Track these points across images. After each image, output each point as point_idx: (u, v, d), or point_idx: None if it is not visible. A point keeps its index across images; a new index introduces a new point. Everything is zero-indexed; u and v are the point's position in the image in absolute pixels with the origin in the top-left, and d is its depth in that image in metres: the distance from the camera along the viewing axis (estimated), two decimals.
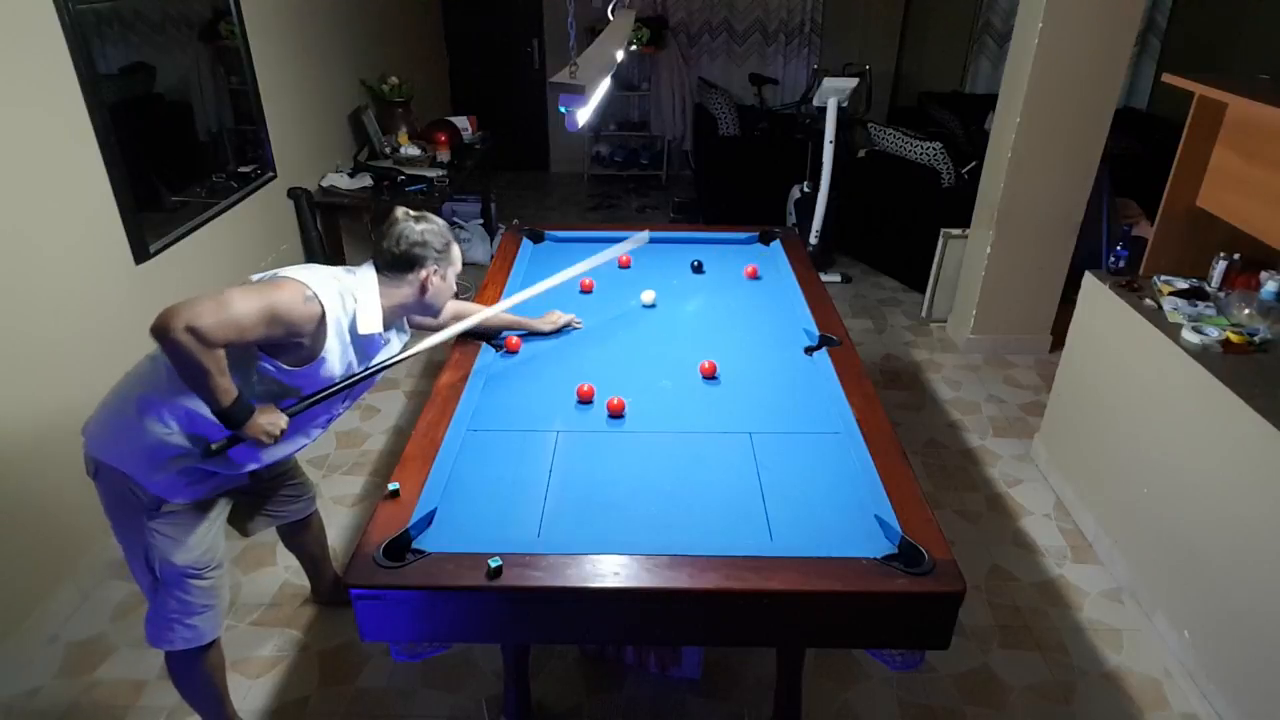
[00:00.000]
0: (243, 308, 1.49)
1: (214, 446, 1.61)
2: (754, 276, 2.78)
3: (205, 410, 1.59)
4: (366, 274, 1.76)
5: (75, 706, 2.14)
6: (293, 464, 2.12)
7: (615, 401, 2.01)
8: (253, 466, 1.79)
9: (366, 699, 2.17)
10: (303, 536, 2.27)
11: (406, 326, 1.97)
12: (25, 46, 2.20)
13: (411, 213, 1.80)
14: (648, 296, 2.57)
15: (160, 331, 1.43)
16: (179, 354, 1.45)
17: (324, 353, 1.66)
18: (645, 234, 2.21)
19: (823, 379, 2.16)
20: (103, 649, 2.31)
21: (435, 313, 1.92)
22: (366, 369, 1.79)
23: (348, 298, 1.68)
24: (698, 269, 2.89)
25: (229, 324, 1.47)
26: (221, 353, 1.50)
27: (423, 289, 1.80)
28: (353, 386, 1.77)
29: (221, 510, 1.86)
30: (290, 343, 1.62)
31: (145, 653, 2.28)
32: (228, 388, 1.54)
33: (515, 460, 1.84)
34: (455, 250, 1.86)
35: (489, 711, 2.13)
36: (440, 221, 1.83)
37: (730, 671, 2.24)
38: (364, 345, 1.77)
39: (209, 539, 1.80)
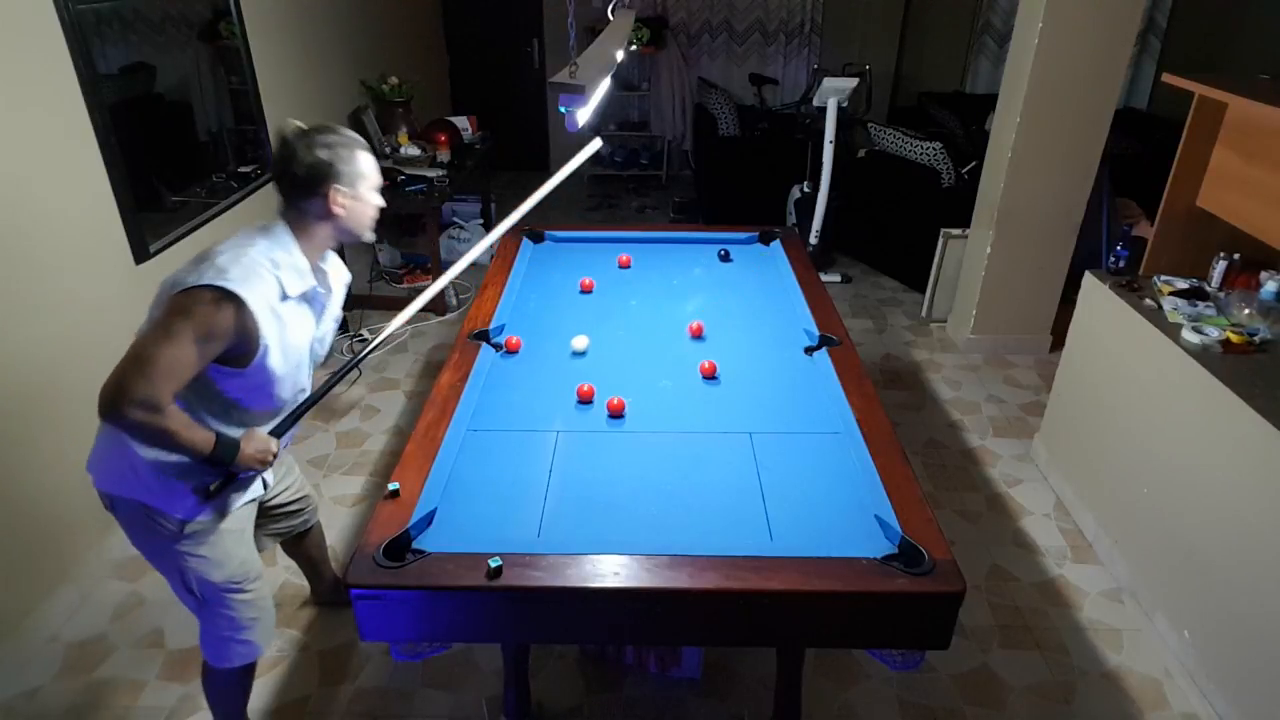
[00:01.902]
0: (166, 355, 1.40)
1: (212, 488, 1.59)
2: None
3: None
4: (278, 228, 1.59)
5: (75, 706, 2.14)
6: (296, 481, 2.11)
7: (615, 401, 2.01)
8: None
9: (366, 699, 2.17)
10: (303, 543, 2.27)
11: (345, 269, 1.84)
12: (25, 46, 2.20)
13: (303, 127, 1.55)
14: (579, 343, 2.32)
15: (107, 417, 1.39)
16: (138, 430, 1.42)
17: (264, 338, 1.52)
18: (596, 141, 2.08)
19: (823, 379, 2.16)
20: (103, 649, 2.31)
21: (358, 237, 1.68)
22: (327, 385, 1.76)
23: (262, 266, 1.52)
24: (725, 258, 2.92)
25: (162, 377, 1.39)
26: (174, 408, 1.45)
27: (329, 213, 1.58)
28: (334, 387, 1.75)
29: (247, 521, 1.81)
30: (231, 347, 1.51)
31: (145, 652, 2.28)
32: (203, 437, 1.49)
33: (515, 460, 1.84)
34: (362, 161, 1.59)
35: (489, 711, 2.13)
36: (343, 132, 1.59)
37: (730, 671, 2.24)
38: (307, 301, 1.65)
39: (241, 551, 1.77)
